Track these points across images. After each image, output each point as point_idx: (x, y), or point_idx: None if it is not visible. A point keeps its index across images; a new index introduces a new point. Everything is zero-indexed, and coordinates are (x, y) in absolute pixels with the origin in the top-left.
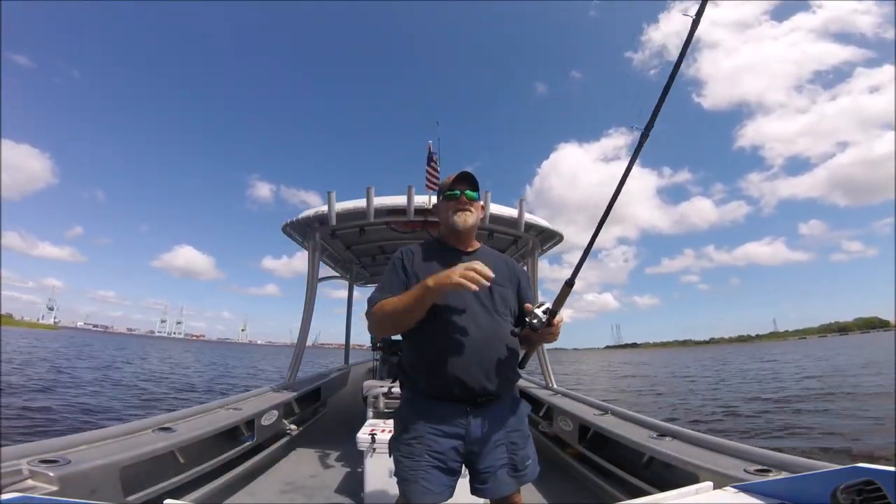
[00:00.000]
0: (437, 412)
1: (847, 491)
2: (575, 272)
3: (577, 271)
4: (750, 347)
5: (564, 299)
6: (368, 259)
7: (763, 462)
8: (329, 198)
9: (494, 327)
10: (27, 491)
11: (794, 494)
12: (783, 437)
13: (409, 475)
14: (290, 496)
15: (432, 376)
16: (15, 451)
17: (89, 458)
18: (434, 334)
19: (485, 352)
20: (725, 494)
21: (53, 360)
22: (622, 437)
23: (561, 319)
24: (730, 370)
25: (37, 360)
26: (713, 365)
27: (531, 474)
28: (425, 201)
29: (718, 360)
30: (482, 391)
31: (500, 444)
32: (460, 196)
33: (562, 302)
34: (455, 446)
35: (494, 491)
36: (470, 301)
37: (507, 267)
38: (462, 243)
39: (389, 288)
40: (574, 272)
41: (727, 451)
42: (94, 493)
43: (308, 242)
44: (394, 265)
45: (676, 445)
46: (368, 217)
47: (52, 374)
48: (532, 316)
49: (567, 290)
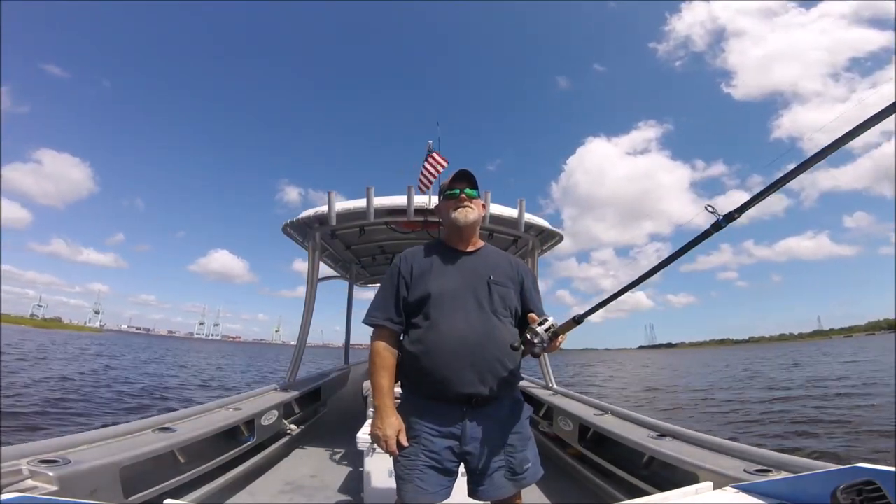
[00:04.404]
0: (434, 412)
1: (847, 491)
2: (588, 314)
3: (590, 314)
4: (801, 346)
5: (568, 330)
6: (368, 259)
7: (763, 462)
8: (329, 198)
9: (491, 328)
10: (27, 491)
11: (794, 494)
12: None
13: (405, 474)
14: (290, 496)
15: (426, 377)
16: (15, 451)
17: (89, 458)
18: (428, 335)
19: (479, 353)
20: (725, 494)
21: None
22: (622, 437)
23: (562, 340)
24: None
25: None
26: (785, 364)
27: (531, 477)
28: (425, 201)
29: (789, 359)
30: (476, 393)
31: (498, 446)
32: (460, 194)
33: (565, 331)
34: (450, 446)
35: (491, 493)
36: (467, 301)
37: (511, 266)
38: (463, 242)
39: (385, 305)
40: (587, 313)
41: (727, 451)
42: (94, 493)
43: (308, 242)
44: (391, 274)
45: (676, 445)
46: (368, 217)
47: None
48: (533, 334)
49: (573, 325)
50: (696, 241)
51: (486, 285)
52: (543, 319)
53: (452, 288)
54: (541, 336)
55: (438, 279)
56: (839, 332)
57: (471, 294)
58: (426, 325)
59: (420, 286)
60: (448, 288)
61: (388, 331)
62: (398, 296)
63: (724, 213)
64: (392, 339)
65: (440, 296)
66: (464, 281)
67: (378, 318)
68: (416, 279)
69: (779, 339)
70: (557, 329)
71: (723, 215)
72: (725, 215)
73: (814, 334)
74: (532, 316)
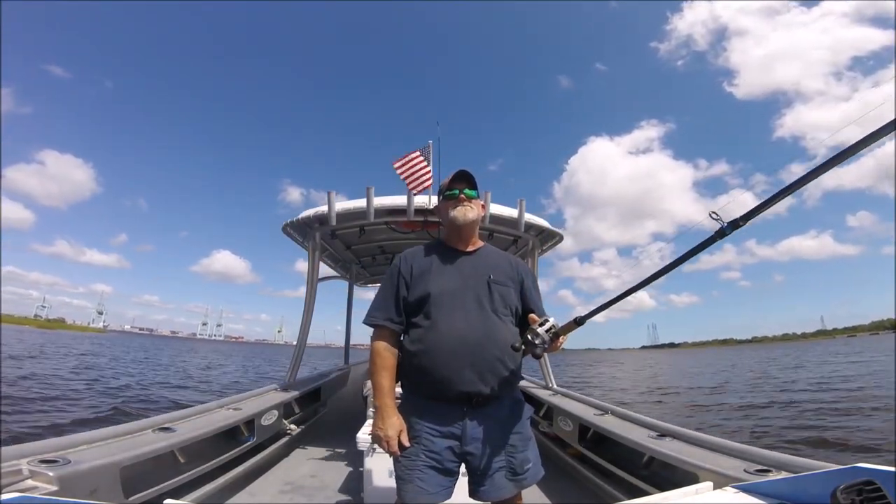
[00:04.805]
0: (434, 412)
1: (847, 491)
2: (589, 316)
3: (591, 316)
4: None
5: (569, 332)
6: (368, 259)
7: (763, 462)
8: (329, 198)
9: (491, 328)
10: (27, 491)
11: (794, 494)
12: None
13: (405, 474)
14: (290, 496)
15: (427, 377)
16: (15, 451)
17: (89, 458)
18: (428, 335)
19: (479, 353)
20: (725, 494)
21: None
22: (622, 438)
23: (563, 341)
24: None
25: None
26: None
27: (532, 478)
28: (425, 201)
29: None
30: (476, 393)
31: (498, 446)
32: (459, 195)
33: (566, 332)
34: (451, 446)
35: (492, 493)
36: (467, 301)
37: (511, 266)
38: (463, 242)
39: (385, 305)
40: (588, 315)
41: (727, 451)
42: (94, 493)
43: (308, 242)
44: (391, 274)
45: (676, 445)
46: (368, 217)
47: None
48: (534, 335)
49: (574, 326)
50: (700, 248)
51: (486, 285)
52: (544, 320)
53: (452, 287)
54: (542, 337)
55: (438, 279)
56: (843, 332)
57: (471, 293)
58: (426, 324)
59: (420, 286)
60: (448, 287)
61: (388, 331)
62: (398, 296)
63: (729, 220)
64: (392, 339)
65: (440, 295)
66: (464, 280)
67: (378, 319)
68: (416, 279)
69: (782, 338)
70: (558, 330)
71: (728, 222)
72: (730, 222)
73: (817, 334)
74: (533, 317)
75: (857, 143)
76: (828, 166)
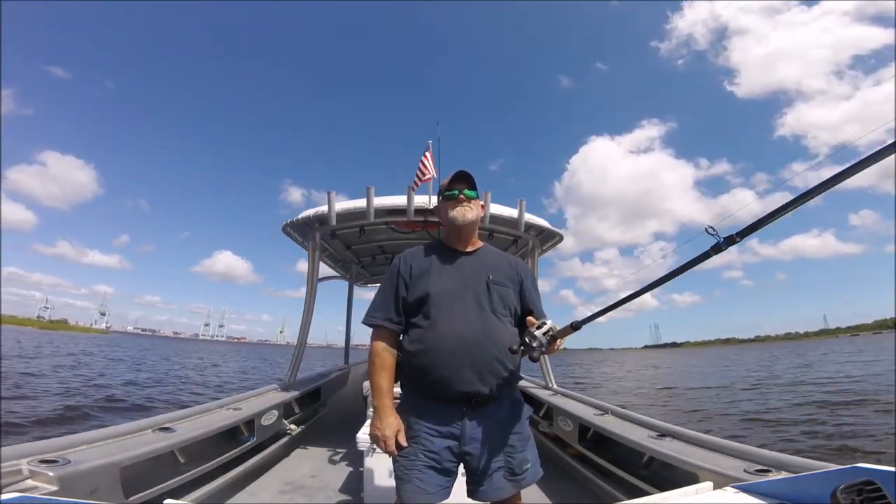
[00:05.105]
0: (433, 412)
1: (847, 491)
2: (586, 321)
3: (588, 321)
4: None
5: (566, 336)
6: (368, 259)
7: (763, 462)
8: (329, 198)
9: (490, 328)
10: (27, 491)
11: (794, 494)
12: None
13: (404, 474)
14: (290, 496)
15: (426, 377)
16: (15, 450)
17: (89, 458)
18: (428, 335)
19: (478, 353)
20: (725, 494)
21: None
22: (622, 438)
23: (560, 344)
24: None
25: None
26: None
27: (531, 478)
28: (425, 201)
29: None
30: (475, 393)
31: (497, 446)
32: (458, 195)
33: (563, 335)
34: (450, 446)
35: (490, 494)
36: (466, 301)
37: (511, 266)
38: (463, 242)
39: (385, 306)
40: (585, 320)
41: (727, 451)
42: (94, 493)
43: (308, 242)
44: (390, 275)
45: (676, 445)
46: (368, 217)
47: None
48: (532, 338)
49: (571, 331)
50: (695, 262)
51: (486, 285)
52: (542, 322)
53: (452, 288)
54: (539, 340)
55: (438, 279)
56: (846, 331)
57: (470, 294)
58: (425, 324)
59: (419, 286)
60: (447, 288)
61: (387, 331)
62: (397, 296)
63: (725, 235)
64: (391, 339)
65: (439, 295)
66: (463, 281)
67: (377, 319)
68: (416, 279)
69: (785, 338)
70: (556, 333)
71: (723, 238)
72: (726, 238)
73: (820, 333)
74: (531, 319)
75: (861, 160)
76: (829, 184)
